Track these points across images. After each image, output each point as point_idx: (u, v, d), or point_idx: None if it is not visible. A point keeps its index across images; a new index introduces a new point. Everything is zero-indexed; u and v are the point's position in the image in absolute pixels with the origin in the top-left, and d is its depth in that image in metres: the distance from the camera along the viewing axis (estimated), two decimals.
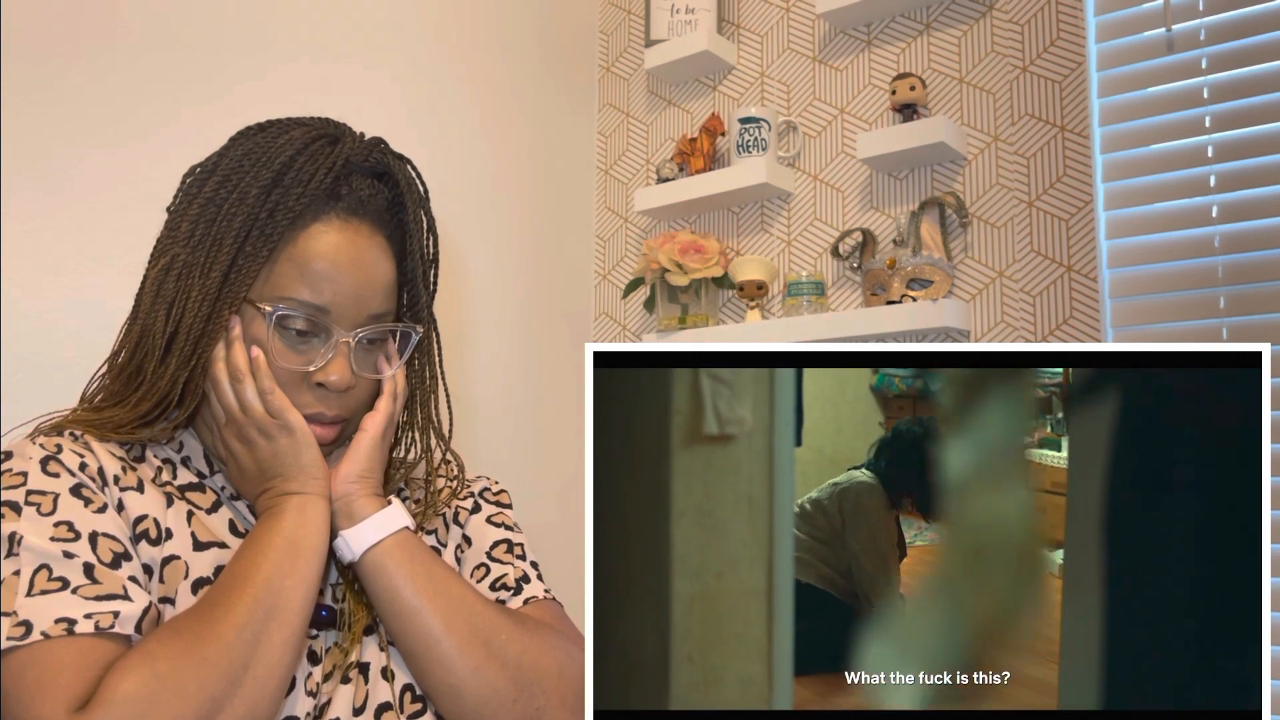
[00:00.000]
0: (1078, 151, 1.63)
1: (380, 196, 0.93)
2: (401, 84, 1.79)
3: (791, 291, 1.83)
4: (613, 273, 2.18)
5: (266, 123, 0.93)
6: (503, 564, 0.98)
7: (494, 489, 1.07)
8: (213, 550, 0.85)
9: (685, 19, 2.08)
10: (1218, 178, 1.54)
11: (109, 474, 0.83)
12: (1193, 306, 1.54)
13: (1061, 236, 1.63)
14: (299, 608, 0.80)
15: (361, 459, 0.91)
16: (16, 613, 0.72)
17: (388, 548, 0.87)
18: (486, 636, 0.85)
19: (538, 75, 2.10)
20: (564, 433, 2.03)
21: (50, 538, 0.75)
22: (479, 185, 1.94)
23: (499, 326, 1.95)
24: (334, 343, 0.89)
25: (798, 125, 1.95)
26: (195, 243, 0.87)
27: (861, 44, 1.90)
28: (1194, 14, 1.58)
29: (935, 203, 1.72)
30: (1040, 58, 1.69)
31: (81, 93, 1.34)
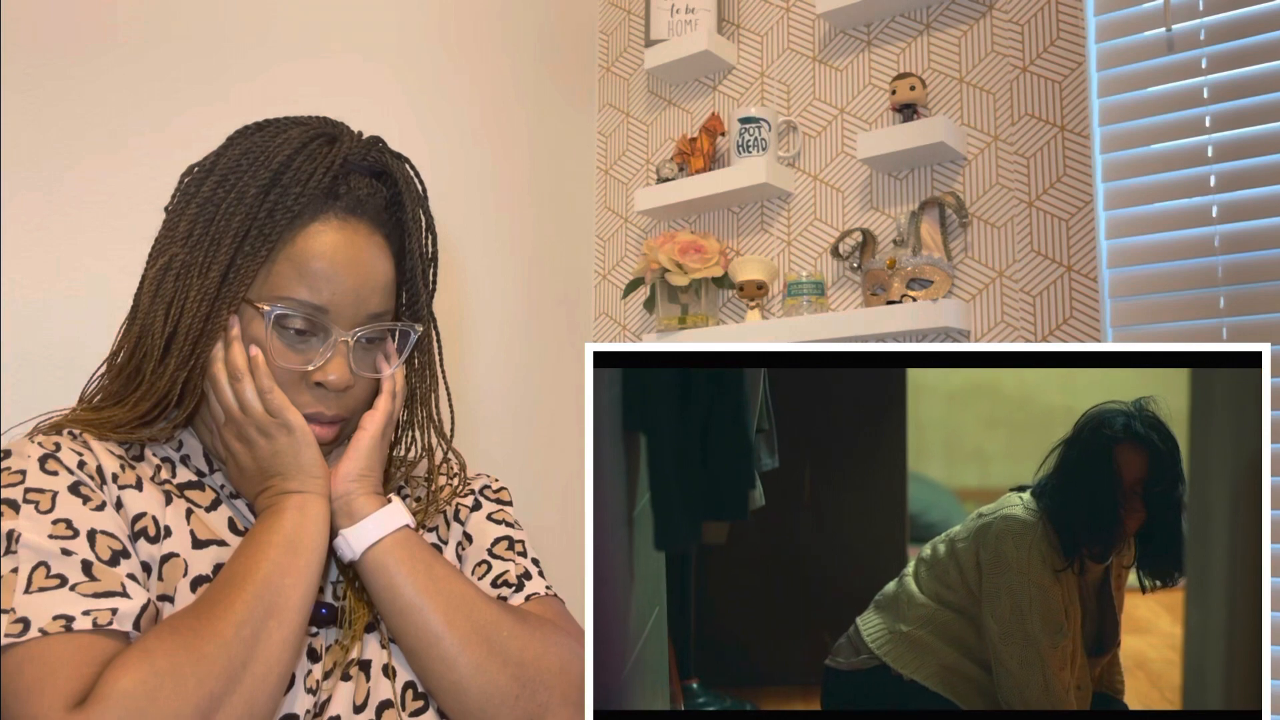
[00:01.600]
0: (1078, 151, 1.63)
1: (379, 195, 0.93)
2: (401, 84, 1.79)
3: (791, 291, 1.83)
4: (613, 273, 2.18)
5: (264, 122, 0.93)
6: (504, 561, 0.98)
7: (494, 486, 1.07)
8: (212, 548, 0.85)
9: (685, 19, 2.08)
10: (1218, 178, 1.54)
11: (108, 472, 0.83)
12: (1193, 306, 1.54)
13: (1061, 236, 1.63)
14: (298, 606, 0.80)
15: (361, 458, 0.91)
16: (14, 610, 0.72)
17: (388, 546, 0.87)
18: (488, 634, 0.85)
19: (538, 75, 2.10)
20: (564, 433, 2.03)
21: (49, 535, 0.75)
22: (479, 185, 1.94)
23: (499, 326, 1.95)
24: (333, 342, 0.89)
25: (798, 125, 1.95)
26: (193, 242, 0.87)
27: (861, 44, 1.90)
28: (1194, 14, 1.58)
29: (935, 203, 1.72)
30: (1040, 58, 1.69)
31: (81, 92, 1.35)
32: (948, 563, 0.65)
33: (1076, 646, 0.62)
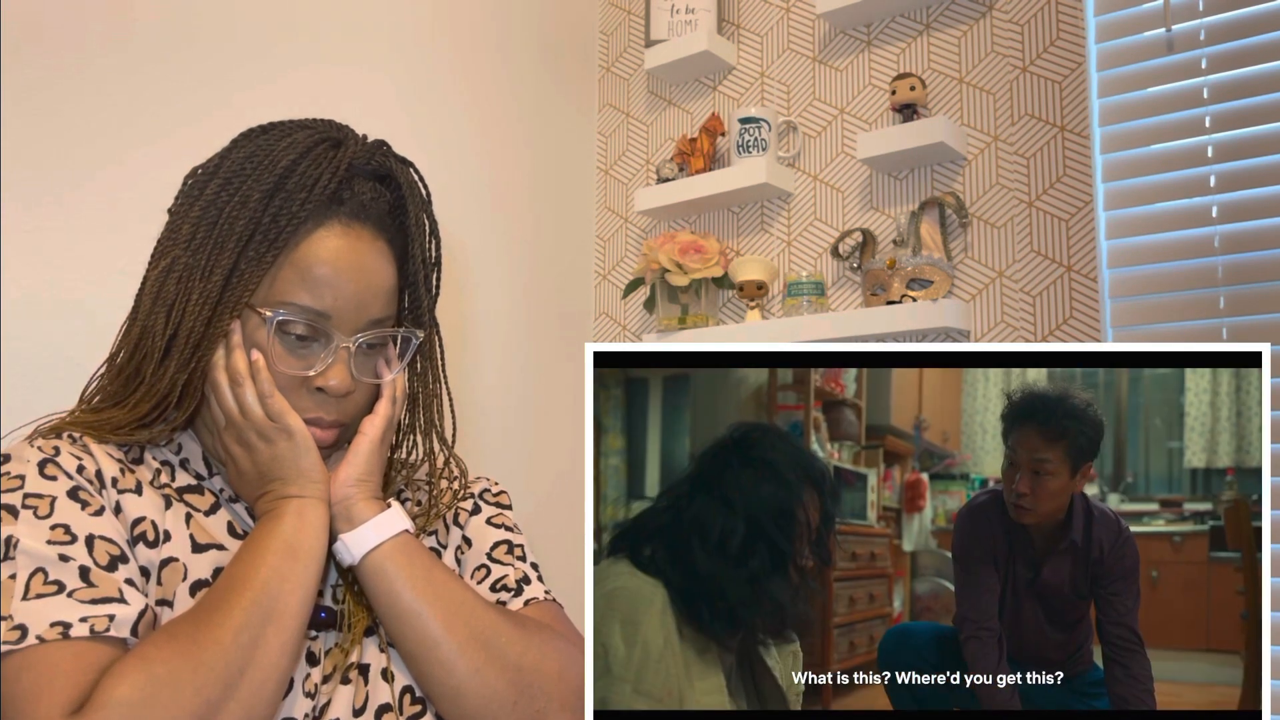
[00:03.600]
0: (1078, 151, 1.63)
1: (382, 200, 0.92)
2: (401, 85, 1.79)
3: (791, 291, 1.83)
4: (613, 273, 2.17)
5: (269, 125, 0.92)
6: (503, 565, 0.98)
7: (494, 490, 1.07)
8: (211, 552, 0.85)
9: (685, 19, 2.08)
10: (1218, 178, 1.53)
11: (107, 476, 0.83)
12: (1193, 306, 1.54)
13: (1061, 236, 1.63)
14: (296, 611, 0.80)
15: (361, 462, 0.90)
16: (12, 616, 0.72)
17: (387, 551, 0.87)
18: (487, 638, 0.85)
19: (538, 75, 2.10)
20: (564, 433, 2.03)
21: (47, 541, 0.75)
22: (479, 186, 1.94)
23: (499, 327, 1.95)
24: (334, 348, 0.88)
25: (798, 125, 1.95)
26: (196, 246, 0.86)
27: (861, 44, 1.90)
28: (1194, 14, 1.58)
29: (935, 203, 1.72)
30: (1040, 58, 1.68)
31: (83, 96, 1.34)
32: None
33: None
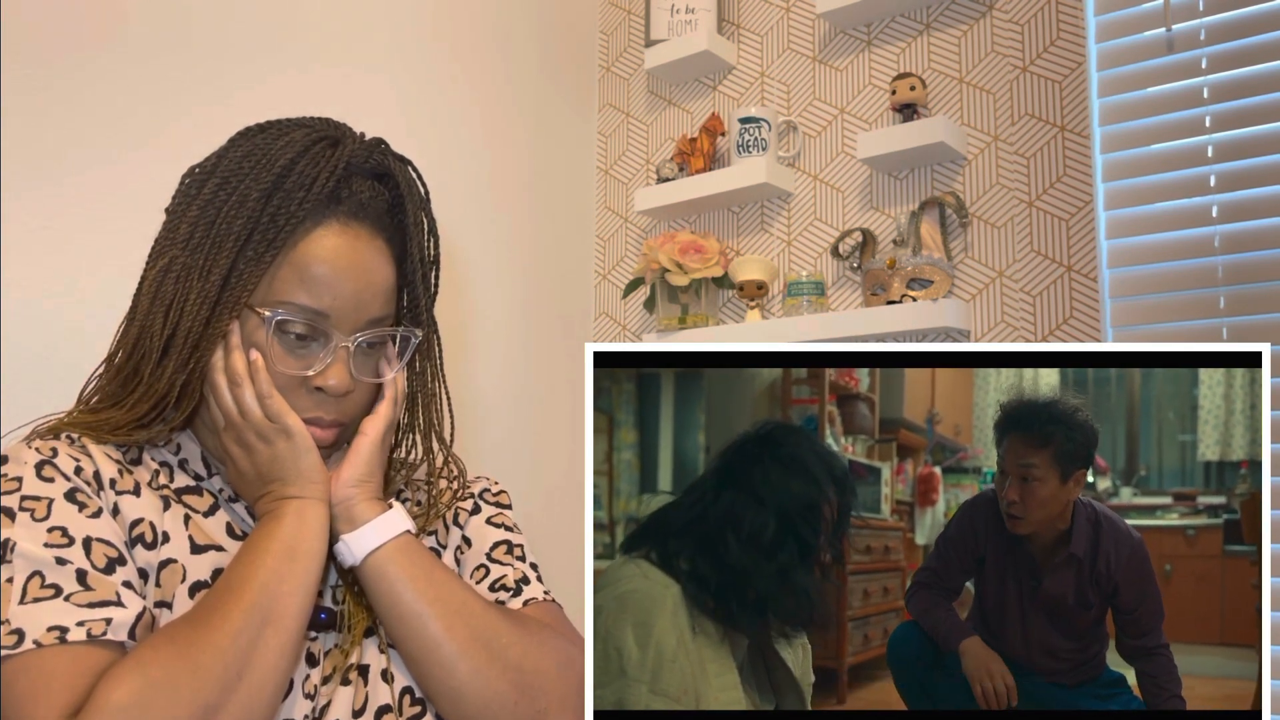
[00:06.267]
0: (1078, 151, 1.63)
1: (381, 199, 0.92)
2: (401, 85, 1.79)
3: (791, 291, 1.82)
4: (613, 273, 2.17)
5: (266, 123, 0.92)
6: (502, 565, 0.98)
7: (494, 490, 1.06)
8: (210, 554, 0.85)
9: (685, 19, 2.08)
10: (1218, 178, 1.53)
11: (105, 478, 0.82)
12: (1193, 306, 1.54)
13: (1061, 236, 1.63)
14: (295, 613, 0.80)
15: (361, 463, 0.90)
16: (9, 621, 0.72)
17: (389, 552, 0.86)
18: (487, 640, 0.85)
19: (537, 76, 2.10)
20: (563, 433, 2.03)
21: (44, 543, 0.75)
22: (479, 185, 1.93)
23: (499, 327, 1.95)
24: (333, 347, 0.88)
25: (798, 125, 1.95)
26: (194, 245, 0.86)
27: (861, 44, 1.89)
28: (1194, 14, 1.57)
29: (935, 203, 1.71)
30: (1040, 58, 1.68)
31: (83, 95, 1.34)
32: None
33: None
